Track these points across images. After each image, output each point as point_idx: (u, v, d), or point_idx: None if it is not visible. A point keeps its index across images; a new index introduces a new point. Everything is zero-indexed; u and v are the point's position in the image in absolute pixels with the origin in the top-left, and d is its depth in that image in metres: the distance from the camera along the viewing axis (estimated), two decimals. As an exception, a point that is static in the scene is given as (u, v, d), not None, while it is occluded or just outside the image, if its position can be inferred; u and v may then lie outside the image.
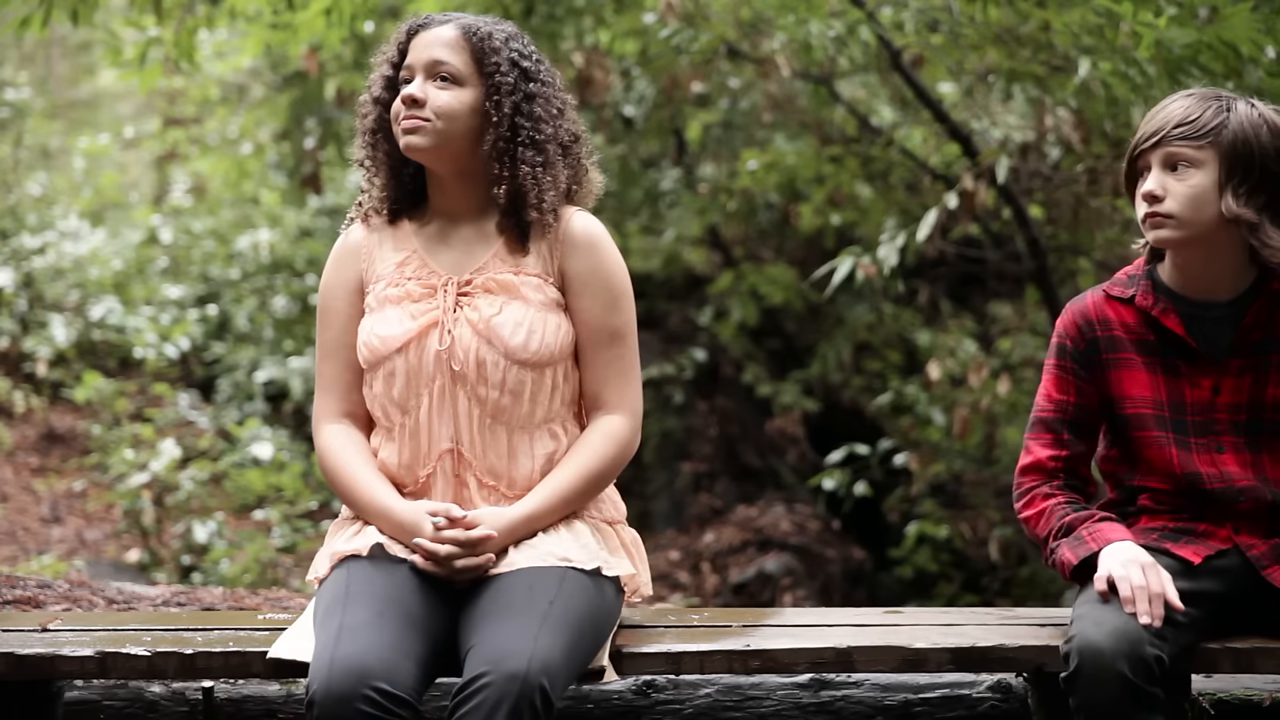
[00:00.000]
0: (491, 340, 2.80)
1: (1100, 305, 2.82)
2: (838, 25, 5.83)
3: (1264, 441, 2.75)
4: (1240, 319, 2.73)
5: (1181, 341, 2.74)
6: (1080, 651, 2.51)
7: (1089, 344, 2.80)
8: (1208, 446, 2.75)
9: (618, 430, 2.86)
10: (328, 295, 2.95)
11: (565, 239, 2.87)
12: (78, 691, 3.13)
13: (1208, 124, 2.66)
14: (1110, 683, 2.47)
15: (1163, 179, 2.68)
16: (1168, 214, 2.67)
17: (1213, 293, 2.74)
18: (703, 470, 9.35)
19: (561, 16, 6.89)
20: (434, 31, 2.85)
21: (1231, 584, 2.73)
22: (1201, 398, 2.74)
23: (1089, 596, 2.64)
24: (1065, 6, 4.98)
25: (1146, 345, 2.77)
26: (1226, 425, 2.74)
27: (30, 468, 8.96)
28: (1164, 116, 2.69)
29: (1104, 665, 2.47)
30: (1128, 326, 2.79)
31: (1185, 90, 2.77)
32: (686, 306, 10.00)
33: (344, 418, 2.92)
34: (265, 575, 7.20)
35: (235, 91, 11.16)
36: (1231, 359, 2.73)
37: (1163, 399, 2.75)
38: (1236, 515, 2.75)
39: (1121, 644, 2.49)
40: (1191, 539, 2.75)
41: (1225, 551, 2.74)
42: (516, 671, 2.46)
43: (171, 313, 9.94)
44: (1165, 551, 2.73)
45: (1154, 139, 2.68)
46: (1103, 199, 6.34)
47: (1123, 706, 2.47)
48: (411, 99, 2.80)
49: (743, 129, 8.83)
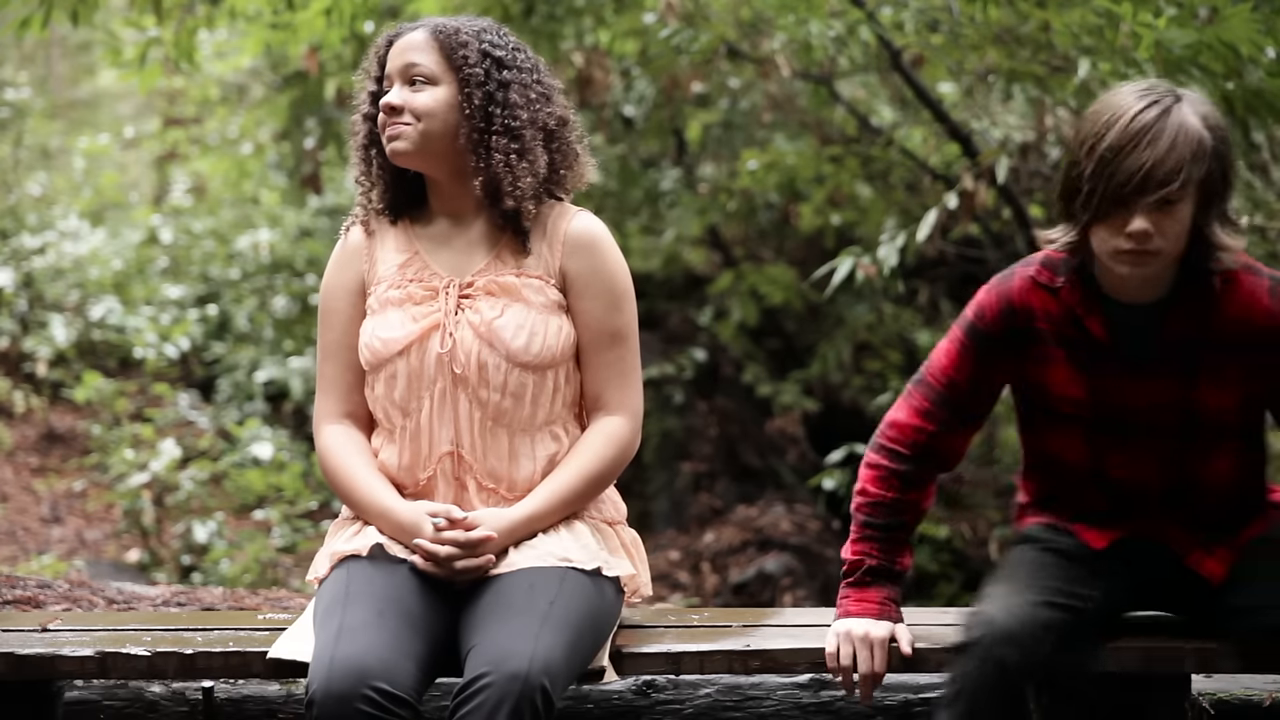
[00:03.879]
0: (493, 343, 2.80)
1: (1026, 292, 2.69)
2: (838, 25, 5.83)
3: (1187, 445, 2.70)
4: (1163, 321, 2.66)
5: (1104, 342, 2.68)
6: (976, 627, 2.56)
7: (1007, 333, 2.71)
8: (1126, 449, 2.71)
9: (618, 431, 2.86)
10: (329, 296, 2.95)
11: (567, 240, 2.87)
12: (78, 691, 3.13)
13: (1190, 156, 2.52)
14: (998, 661, 2.51)
15: (1153, 219, 2.53)
16: (1156, 251, 2.56)
17: (1141, 296, 2.66)
18: (703, 470, 9.35)
19: (561, 16, 6.89)
20: (406, 38, 2.87)
21: (1144, 570, 2.74)
22: (1122, 400, 2.68)
23: (996, 576, 2.68)
24: (1065, 7, 4.98)
25: (1068, 340, 2.69)
26: (1148, 428, 2.69)
27: (30, 468, 8.96)
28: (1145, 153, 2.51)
29: (997, 645, 2.52)
30: (1052, 318, 2.69)
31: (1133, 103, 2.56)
32: (686, 306, 10.00)
33: (345, 418, 2.92)
34: (265, 575, 7.20)
35: (235, 91, 11.16)
36: (1154, 361, 2.67)
37: (1082, 398, 2.70)
38: (1154, 512, 2.74)
39: (1016, 625, 2.53)
40: (1099, 522, 2.75)
41: (1139, 536, 2.74)
42: (518, 672, 2.46)
43: (171, 313, 9.94)
44: (1071, 534, 2.75)
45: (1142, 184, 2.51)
46: (1103, 199, 6.33)
47: (1006, 687, 2.51)
48: (390, 107, 2.82)
49: (743, 129, 8.82)
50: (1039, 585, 2.63)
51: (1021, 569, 2.70)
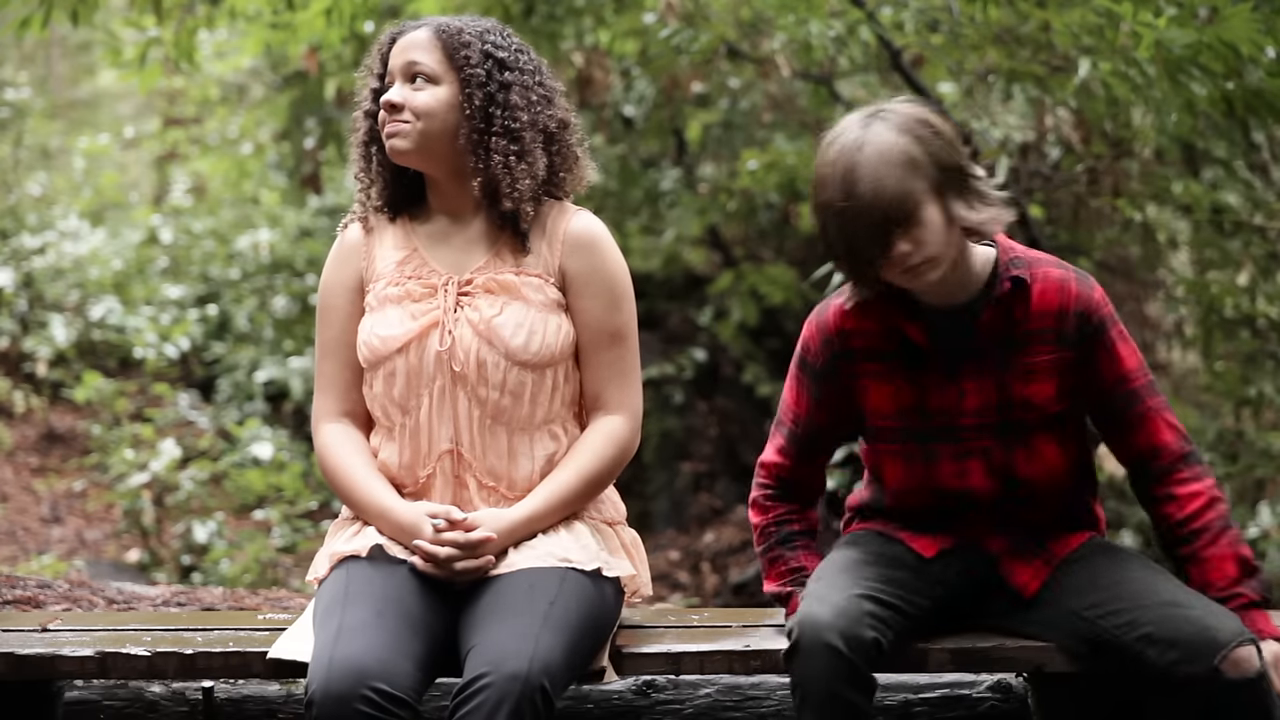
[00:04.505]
0: (492, 341, 2.80)
1: (840, 317, 2.76)
2: (838, 25, 5.82)
3: (1014, 441, 2.73)
4: (976, 321, 2.70)
5: (923, 348, 2.72)
6: (800, 625, 2.56)
7: (828, 360, 2.78)
8: (955, 454, 2.74)
9: (618, 431, 2.86)
10: (327, 293, 2.95)
11: (566, 239, 2.87)
12: (78, 691, 3.13)
13: (897, 196, 2.54)
14: (824, 656, 2.51)
15: (905, 245, 2.56)
16: (927, 260, 2.59)
17: (952, 298, 2.70)
18: (703, 470, 9.35)
19: (561, 16, 6.88)
20: (409, 36, 2.87)
21: (964, 577, 2.77)
22: (947, 404, 2.72)
23: (819, 575, 2.70)
24: (1065, 6, 4.98)
25: (888, 355, 2.74)
26: (976, 429, 2.72)
27: (30, 468, 8.96)
28: (853, 232, 2.55)
29: (821, 639, 2.52)
30: (869, 334, 2.74)
31: (827, 156, 2.59)
32: (686, 306, 10.00)
33: (344, 417, 2.92)
34: (265, 575, 7.20)
35: (235, 91, 11.17)
36: (971, 362, 2.71)
37: (908, 408, 2.74)
38: (977, 519, 2.77)
39: (840, 620, 2.53)
40: (928, 531, 2.79)
41: (963, 544, 2.78)
42: (517, 672, 2.46)
43: (171, 313, 9.94)
44: (900, 542, 2.77)
45: (871, 255, 2.56)
46: (1103, 199, 6.34)
47: (835, 683, 2.51)
48: (390, 104, 2.82)
49: (743, 129, 8.82)
50: (860, 581, 2.66)
51: (841, 567, 2.73)
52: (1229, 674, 2.50)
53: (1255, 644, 2.54)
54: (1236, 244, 6.58)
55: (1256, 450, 7.24)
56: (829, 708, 2.52)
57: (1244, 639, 2.53)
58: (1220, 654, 2.50)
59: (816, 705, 2.53)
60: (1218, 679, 2.49)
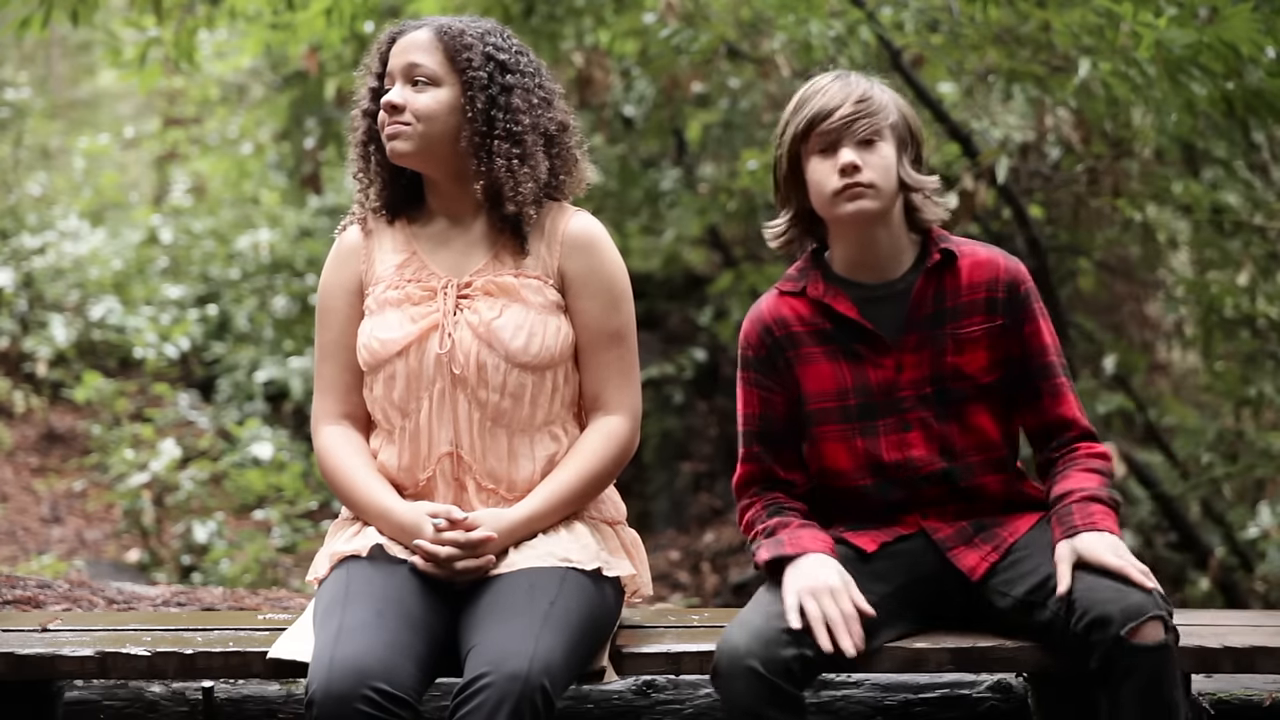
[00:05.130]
0: (492, 343, 2.79)
1: (775, 305, 2.86)
2: (838, 25, 5.83)
3: (950, 412, 2.80)
4: (909, 295, 2.79)
5: (857, 325, 2.80)
6: (720, 649, 2.59)
7: (769, 349, 2.85)
8: (895, 427, 2.80)
9: (617, 431, 2.86)
10: (327, 296, 2.94)
11: (564, 240, 2.87)
12: (78, 691, 3.13)
13: (882, 102, 2.77)
14: (743, 678, 2.53)
15: (860, 154, 2.74)
16: (869, 183, 2.73)
17: (883, 273, 2.81)
18: (703, 470, 9.36)
19: (561, 16, 6.89)
20: (409, 37, 2.86)
21: (912, 566, 2.78)
22: (885, 378, 2.79)
23: (757, 599, 2.70)
24: (1065, 6, 4.99)
25: (824, 334, 2.82)
26: (914, 401, 2.79)
27: (30, 468, 8.97)
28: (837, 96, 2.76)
29: (738, 663, 2.54)
30: (804, 319, 2.83)
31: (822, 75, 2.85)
32: (686, 306, 10.00)
33: (343, 419, 2.91)
34: (265, 575, 7.20)
35: (235, 91, 11.18)
36: (907, 335, 2.79)
37: (847, 386, 2.80)
38: (923, 501, 2.81)
39: (755, 644, 2.55)
40: (871, 526, 2.81)
41: (907, 536, 2.80)
42: (518, 672, 2.46)
43: (171, 313, 9.94)
44: (842, 540, 2.78)
45: (843, 119, 2.74)
46: (1103, 199, 6.34)
47: (757, 703, 2.53)
48: (391, 105, 2.81)
49: (743, 129, 8.82)
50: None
51: (770, 585, 2.73)
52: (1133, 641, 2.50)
53: (1164, 620, 2.53)
54: (1236, 244, 6.59)
55: (1256, 450, 7.25)
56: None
57: (1155, 613, 2.52)
58: (1130, 624, 2.51)
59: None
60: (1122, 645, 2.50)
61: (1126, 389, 7.40)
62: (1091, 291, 7.65)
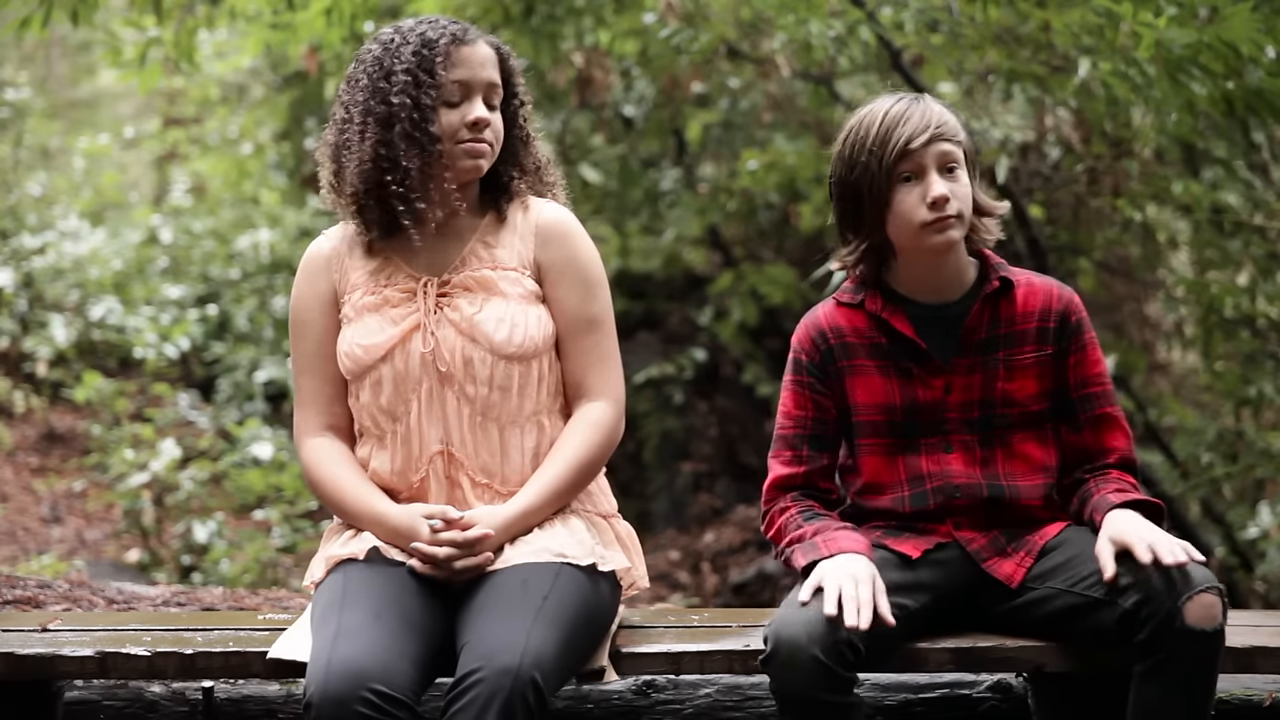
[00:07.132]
0: (476, 338, 2.80)
1: (832, 314, 2.87)
2: (838, 25, 5.83)
3: (995, 437, 2.81)
4: (964, 319, 2.80)
5: (912, 343, 2.81)
6: (776, 635, 2.57)
7: (823, 355, 2.85)
8: (937, 446, 2.81)
9: (602, 417, 2.87)
10: (300, 308, 2.92)
11: (538, 230, 2.89)
12: (78, 691, 3.13)
13: (955, 126, 2.76)
14: (803, 665, 2.52)
15: (945, 182, 2.73)
16: (957, 214, 2.73)
17: (943, 294, 2.82)
18: (703, 470, 9.35)
19: (561, 16, 6.88)
20: (481, 51, 2.85)
21: (951, 575, 2.79)
22: (934, 398, 2.80)
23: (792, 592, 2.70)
24: (1065, 6, 4.99)
25: (879, 349, 2.83)
26: (958, 424, 2.81)
27: (30, 468, 8.97)
28: (918, 122, 2.72)
29: (798, 648, 2.53)
30: (860, 332, 2.84)
31: (887, 96, 2.81)
32: (686, 306, 10.00)
33: (327, 430, 2.90)
34: (265, 575, 7.20)
35: (235, 91, 11.17)
36: (959, 358, 2.80)
37: (895, 403, 2.81)
38: (955, 511, 2.81)
39: (816, 628, 2.54)
40: (912, 534, 2.81)
41: (945, 545, 2.81)
42: (509, 667, 2.46)
43: (171, 313, 9.94)
44: (884, 547, 2.78)
45: (928, 145, 2.71)
46: (1103, 199, 6.34)
47: (814, 689, 2.52)
48: (484, 122, 2.82)
49: (743, 129, 8.83)
50: None
51: None
52: (1189, 618, 2.50)
53: (1220, 593, 2.54)
54: (1236, 244, 6.58)
55: (1256, 450, 7.24)
56: (810, 711, 2.55)
57: (1209, 586, 2.53)
58: (1185, 595, 2.51)
59: (797, 709, 2.55)
60: (1177, 620, 2.50)
61: (1126, 389, 7.40)
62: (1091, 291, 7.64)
